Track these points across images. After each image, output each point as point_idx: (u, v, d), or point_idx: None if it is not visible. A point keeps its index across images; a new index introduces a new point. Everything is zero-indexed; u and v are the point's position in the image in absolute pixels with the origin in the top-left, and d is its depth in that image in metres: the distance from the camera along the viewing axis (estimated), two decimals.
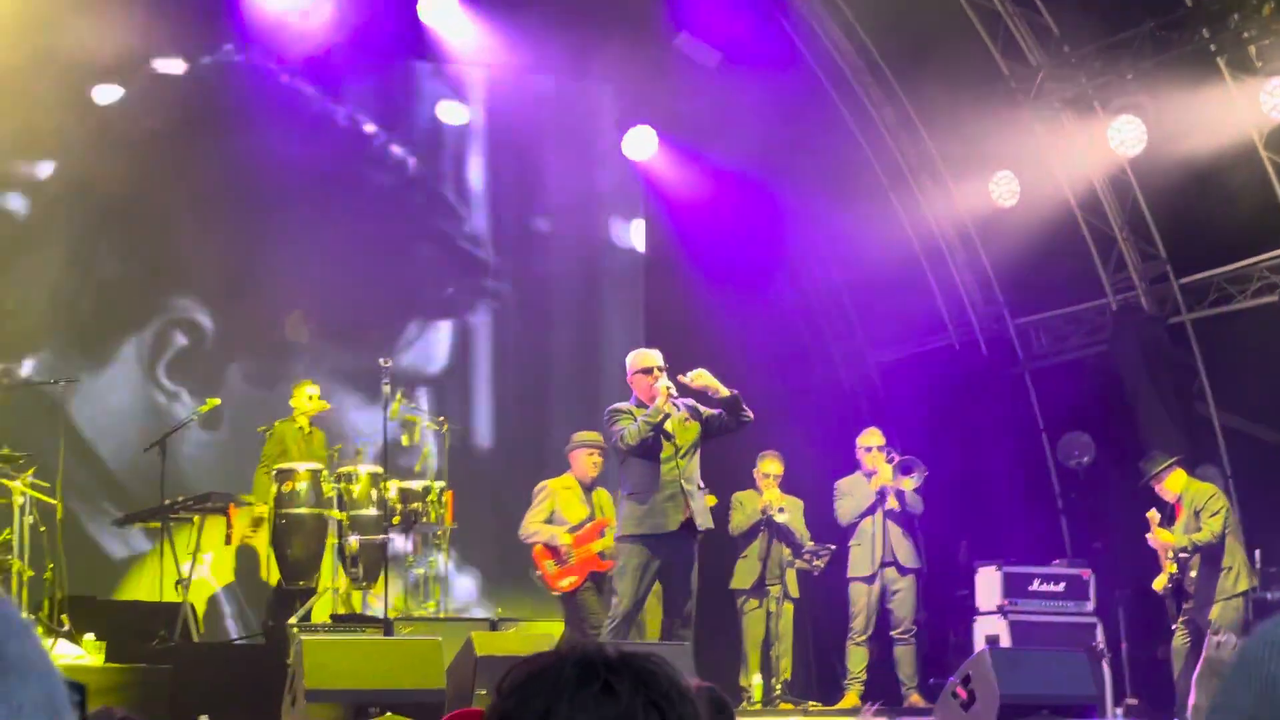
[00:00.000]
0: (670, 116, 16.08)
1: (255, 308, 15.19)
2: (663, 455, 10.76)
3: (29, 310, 14.71)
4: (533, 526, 12.36)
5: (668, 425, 10.77)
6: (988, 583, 14.18)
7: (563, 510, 12.33)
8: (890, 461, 13.11)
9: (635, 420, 10.73)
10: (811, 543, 13.78)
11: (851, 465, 13.36)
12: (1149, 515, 12.88)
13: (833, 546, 13.63)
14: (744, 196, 15.76)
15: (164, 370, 15.09)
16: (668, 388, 10.76)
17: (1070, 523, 15.84)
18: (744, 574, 13.50)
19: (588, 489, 12.45)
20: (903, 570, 13.25)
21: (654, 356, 11.05)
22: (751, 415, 10.91)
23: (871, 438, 13.36)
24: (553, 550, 12.20)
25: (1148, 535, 12.91)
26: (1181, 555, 12.74)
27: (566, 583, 12.19)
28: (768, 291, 16.31)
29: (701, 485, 10.94)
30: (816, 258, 16.93)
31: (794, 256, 16.85)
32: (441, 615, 12.92)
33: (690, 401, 11.06)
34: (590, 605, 12.08)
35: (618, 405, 11.03)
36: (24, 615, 1.32)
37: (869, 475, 13.18)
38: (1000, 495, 15.74)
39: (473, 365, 16.42)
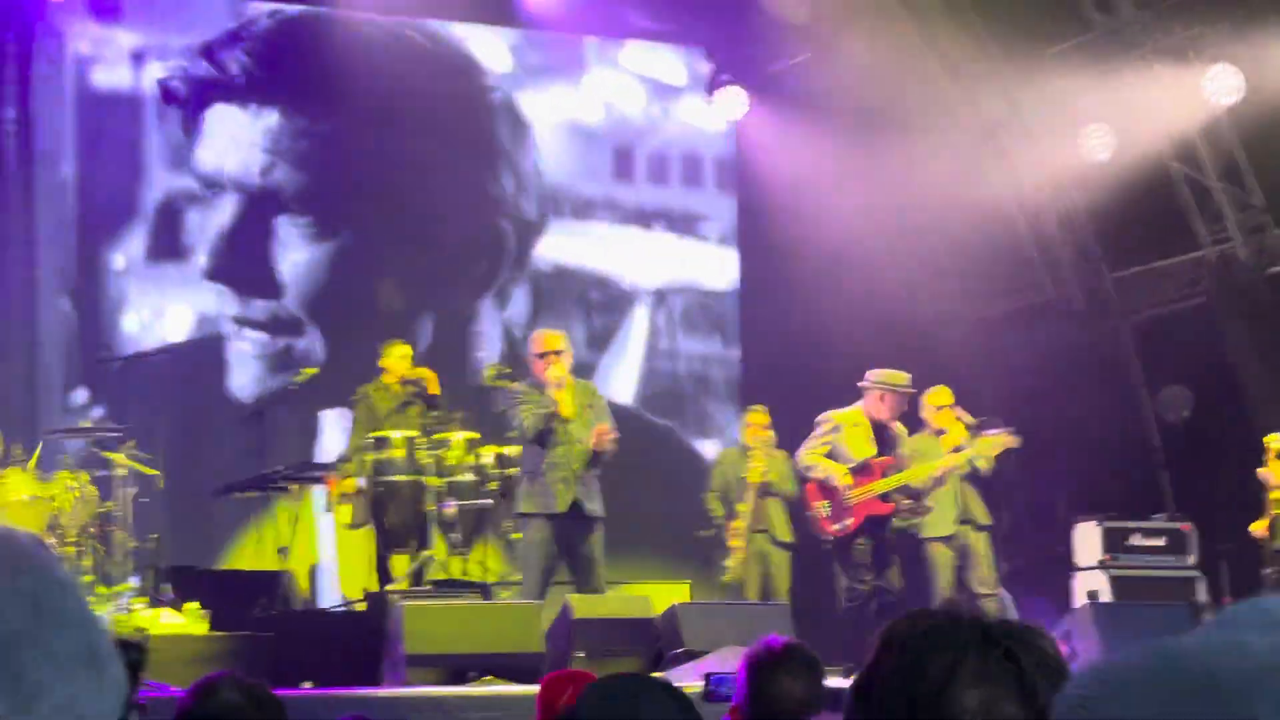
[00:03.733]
0: (760, 75, 16.03)
1: None
2: (558, 438, 11.05)
3: None
4: (811, 459, 11.50)
5: (562, 412, 10.98)
6: (1087, 538, 14.08)
7: (847, 446, 11.47)
8: (960, 420, 12.88)
9: (533, 412, 10.99)
10: (909, 500, 13.71)
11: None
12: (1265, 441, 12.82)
13: (930, 506, 13.54)
14: (834, 156, 15.65)
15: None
16: (557, 379, 10.95)
17: (1171, 477, 15.70)
18: None
19: (878, 426, 11.57)
20: (979, 527, 13.17)
21: (553, 340, 11.22)
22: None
23: (940, 396, 13.06)
24: (828, 490, 11.37)
25: (1258, 470, 12.83)
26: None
27: (838, 527, 11.36)
28: (861, 251, 16.19)
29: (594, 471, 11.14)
30: (910, 216, 16.81)
31: (886, 215, 16.73)
32: None
33: (593, 387, 11.60)
34: (860, 556, 11.34)
35: (518, 389, 11.26)
36: (67, 571, 1.36)
37: (938, 434, 12.98)
38: (1099, 450, 15.62)
39: None
